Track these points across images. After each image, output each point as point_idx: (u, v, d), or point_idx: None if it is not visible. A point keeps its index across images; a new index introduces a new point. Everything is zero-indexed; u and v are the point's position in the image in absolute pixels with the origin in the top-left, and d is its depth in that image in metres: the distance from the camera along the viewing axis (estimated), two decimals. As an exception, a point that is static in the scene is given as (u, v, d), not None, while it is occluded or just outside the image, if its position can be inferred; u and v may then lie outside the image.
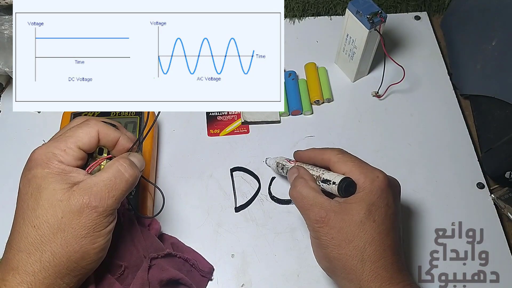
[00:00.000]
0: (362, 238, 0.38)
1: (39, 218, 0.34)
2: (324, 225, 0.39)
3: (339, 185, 0.40)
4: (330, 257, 0.39)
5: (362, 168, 0.41)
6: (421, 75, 0.63)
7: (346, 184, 0.40)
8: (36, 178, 0.34)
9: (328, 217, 0.39)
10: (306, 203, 0.41)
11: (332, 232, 0.38)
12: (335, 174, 0.41)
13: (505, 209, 0.52)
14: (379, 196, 0.39)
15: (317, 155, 0.45)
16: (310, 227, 0.41)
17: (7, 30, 0.51)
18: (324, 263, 0.41)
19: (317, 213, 0.39)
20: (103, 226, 0.35)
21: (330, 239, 0.39)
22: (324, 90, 0.60)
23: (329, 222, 0.39)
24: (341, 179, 0.40)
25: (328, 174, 0.42)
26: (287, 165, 0.50)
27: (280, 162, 0.51)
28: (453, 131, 0.59)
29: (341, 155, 0.43)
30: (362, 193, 0.39)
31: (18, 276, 0.33)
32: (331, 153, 0.43)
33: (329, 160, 0.43)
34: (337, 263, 0.39)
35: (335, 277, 0.41)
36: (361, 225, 0.38)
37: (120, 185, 0.36)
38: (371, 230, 0.38)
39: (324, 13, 0.69)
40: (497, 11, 0.57)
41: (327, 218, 0.39)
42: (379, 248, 0.38)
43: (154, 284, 0.42)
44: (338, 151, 0.44)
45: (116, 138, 0.39)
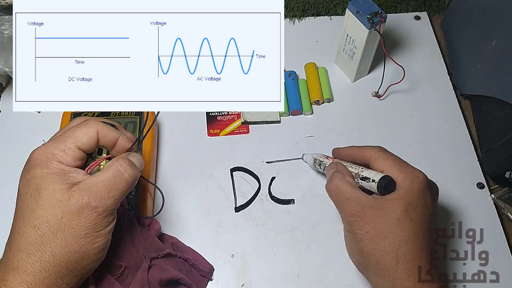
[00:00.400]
0: (398, 235, 0.38)
1: (38, 218, 0.34)
2: (359, 219, 0.39)
3: (378, 183, 0.40)
4: (363, 251, 0.39)
5: (402, 166, 0.41)
6: (421, 75, 0.63)
7: (386, 183, 0.40)
8: (36, 178, 0.34)
9: (364, 212, 0.39)
10: (342, 197, 0.41)
11: (367, 226, 0.39)
12: (374, 172, 0.42)
13: (505, 209, 0.52)
14: (418, 196, 0.39)
15: (357, 152, 0.46)
16: (345, 220, 0.41)
17: (7, 30, 0.51)
18: (356, 257, 0.41)
19: (353, 207, 0.40)
20: (103, 226, 0.35)
21: (365, 234, 0.39)
22: (324, 90, 0.60)
23: (365, 217, 0.39)
24: (381, 177, 0.40)
25: (367, 172, 0.42)
26: (325, 161, 0.50)
27: (318, 159, 0.51)
28: (453, 131, 0.59)
29: (381, 153, 0.43)
30: (401, 191, 0.39)
31: (18, 276, 0.33)
32: (371, 150, 0.44)
33: (369, 158, 0.43)
34: (371, 258, 0.39)
35: (367, 272, 0.41)
36: (397, 222, 0.38)
37: (119, 185, 0.36)
38: (407, 228, 0.38)
39: (324, 13, 0.69)
40: (497, 11, 0.57)
41: (363, 213, 0.39)
42: (415, 247, 0.38)
43: (154, 284, 0.42)
44: (379, 148, 0.44)
45: (115, 138, 0.39)
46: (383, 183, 0.40)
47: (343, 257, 0.49)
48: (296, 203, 0.53)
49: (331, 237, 0.50)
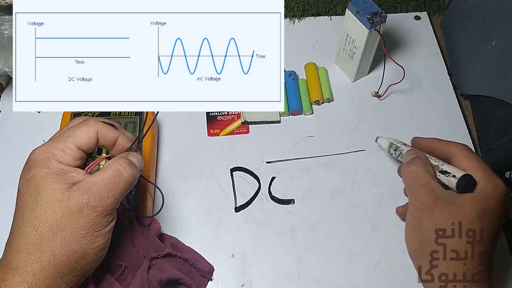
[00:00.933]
0: None
1: (38, 218, 0.34)
2: (431, 209, 0.39)
3: (459, 179, 0.39)
4: (425, 242, 0.39)
5: (487, 170, 0.40)
6: (421, 75, 0.63)
7: (467, 182, 0.39)
8: (35, 178, 0.35)
9: (437, 204, 0.38)
10: (417, 182, 0.40)
11: (436, 219, 0.38)
12: (456, 169, 0.41)
13: (505, 209, 0.52)
14: (496, 205, 0.38)
15: (441, 146, 0.44)
16: (414, 207, 0.40)
17: (7, 30, 0.51)
18: (415, 245, 0.41)
19: (428, 196, 0.39)
20: (103, 226, 0.35)
21: (433, 225, 0.38)
22: (324, 90, 0.60)
23: (436, 209, 0.38)
24: (463, 174, 0.39)
25: (448, 166, 0.41)
26: (402, 147, 0.49)
27: (394, 143, 0.50)
28: (453, 131, 0.59)
29: (467, 151, 0.42)
30: (481, 194, 0.39)
31: (18, 276, 0.33)
32: (456, 147, 0.43)
33: (453, 153, 0.42)
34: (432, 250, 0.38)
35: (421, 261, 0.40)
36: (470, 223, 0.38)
37: (119, 184, 0.36)
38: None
39: (324, 13, 0.69)
40: (497, 11, 0.57)
41: (437, 204, 0.38)
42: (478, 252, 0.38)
43: (154, 284, 0.42)
44: (464, 146, 0.43)
45: (115, 138, 0.39)
46: (463, 181, 0.39)
47: (343, 257, 0.49)
48: (296, 203, 0.53)
49: (331, 237, 0.50)
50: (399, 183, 0.54)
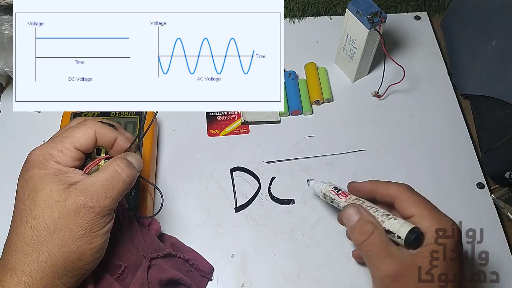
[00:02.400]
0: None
1: (36, 219, 0.34)
2: (397, 281, 0.36)
3: (406, 241, 0.36)
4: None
5: (435, 214, 0.37)
6: (421, 75, 0.63)
7: (415, 239, 0.36)
8: (33, 178, 0.35)
9: (402, 272, 0.35)
10: (378, 254, 0.37)
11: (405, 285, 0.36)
12: (398, 223, 0.37)
13: (505, 209, 0.52)
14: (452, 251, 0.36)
15: (381, 189, 0.41)
16: (380, 280, 0.37)
17: (7, 30, 0.51)
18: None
19: (391, 267, 0.36)
20: (100, 227, 0.35)
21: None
22: (324, 90, 0.60)
23: (403, 278, 0.36)
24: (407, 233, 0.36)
25: (391, 223, 0.38)
26: (337, 199, 0.45)
27: (329, 195, 0.46)
28: (453, 131, 0.59)
29: (410, 194, 0.39)
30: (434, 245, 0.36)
31: (16, 277, 0.33)
32: (398, 189, 0.40)
33: (395, 198, 0.39)
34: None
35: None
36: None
37: (117, 185, 0.36)
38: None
39: (324, 13, 0.69)
40: (497, 11, 0.57)
41: (401, 273, 0.35)
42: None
43: (153, 284, 0.42)
44: (407, 188, 0.40)
45: (113, 138, 0.39)
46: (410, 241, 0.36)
47: (343, 257, 0.49)
48: (296, 203, 0.53)
49: (331, 237, 0.50)
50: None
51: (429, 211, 0.37)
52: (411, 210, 0.38)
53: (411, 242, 0.36)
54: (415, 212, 0.38)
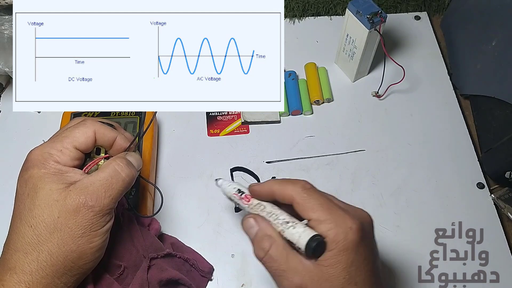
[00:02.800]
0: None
1: (35, 218, 0.34)
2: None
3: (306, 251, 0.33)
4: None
5: (332, 214, 0.34)
6: (421, 75, 0.63)
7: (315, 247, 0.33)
8: (33, 178, 0.35)
9: (304, 285, 0.33)
10: (277, 268, 0.34)
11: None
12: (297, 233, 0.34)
13: (505, 209, 0.52)
14: (356, 253, 0.33)
15: (277, 192, 0.37)
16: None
17: (7, 30, 0.51)
18: None
19: (291, 281, 0.33)
20: (100, 226, 0.35)
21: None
22: (324, 90, 0.60)
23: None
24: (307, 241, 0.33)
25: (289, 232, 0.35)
26: (241, 204, 0.40)
27: (233, 199, 0.41)
28: (453, 131, 0.59)
29: (306, 195, 0.35)
30: (336, 251, 0.33)
31: (16, 276, 0.33)
32: (294, 190, 0.36)
33: (292, 199, 0.36)
34: None
35: None
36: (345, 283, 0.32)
37: (116, 184, 0.36)
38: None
39: (324, 13, 0.69)
40: (497, 11, 0.57)
41: (305, 285, 0.33)
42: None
43: (153, 284, 0.42)
44: (302, 187, 0.36)
45: (113, 138, 0.39)
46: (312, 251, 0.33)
47: (343, 257, 0.49)
48: (296, 203, 0.53)
49: (331, 237, 0.50)
50: (399, 183, 0.54)
51: (326, 214, 0.34)
52: (308, 214, 0.34)
53: (311, 253, 0.33)
54: (312, 216, 0.34)
